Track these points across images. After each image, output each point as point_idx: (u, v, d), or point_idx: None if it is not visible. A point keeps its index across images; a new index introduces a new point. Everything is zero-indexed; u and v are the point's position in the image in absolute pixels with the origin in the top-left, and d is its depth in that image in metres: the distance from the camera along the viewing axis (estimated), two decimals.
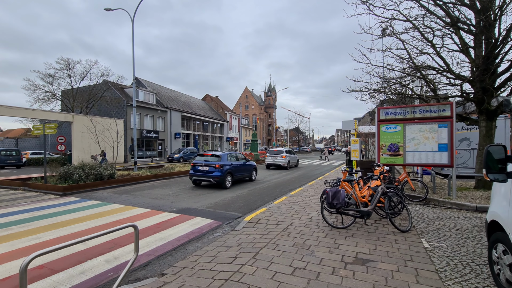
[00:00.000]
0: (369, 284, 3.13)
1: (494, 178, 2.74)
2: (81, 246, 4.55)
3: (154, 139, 31.24)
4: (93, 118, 19.79)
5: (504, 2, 7.28)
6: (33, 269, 3.72)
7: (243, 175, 12.80)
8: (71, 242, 2.31)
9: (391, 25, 8.93)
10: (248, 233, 5.13)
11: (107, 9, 16.96)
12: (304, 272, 3.43)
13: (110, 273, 3.72)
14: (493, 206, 3.22)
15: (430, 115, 7.88)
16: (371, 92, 10.14)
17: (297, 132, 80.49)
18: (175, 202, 8.35)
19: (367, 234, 4.92)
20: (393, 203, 5.79)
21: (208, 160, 11.59)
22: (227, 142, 49.48)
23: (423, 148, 7.88)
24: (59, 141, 18.11)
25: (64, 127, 27.03)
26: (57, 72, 26.05)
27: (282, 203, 7.77)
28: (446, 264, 3.68)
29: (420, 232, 5.04)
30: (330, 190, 5.19)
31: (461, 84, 8.65)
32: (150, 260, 4.14)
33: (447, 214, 6.34)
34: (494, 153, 2.75)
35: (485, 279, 3.23)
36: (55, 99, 27.04)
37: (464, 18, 8.18)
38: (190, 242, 4.91)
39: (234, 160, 12.35)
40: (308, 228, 5.31)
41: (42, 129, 11.31)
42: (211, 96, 57.05)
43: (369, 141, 18.54)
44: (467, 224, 5.54)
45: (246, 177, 13.29)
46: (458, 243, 4.46)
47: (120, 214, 6.81)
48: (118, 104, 27.50)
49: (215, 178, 10.97)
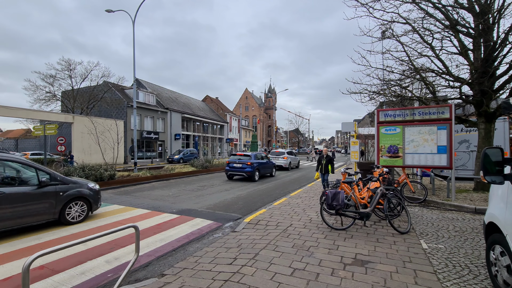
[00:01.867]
0: (368, 285, 3.15)
1: (492, 180, 2.77)
2: (82, 246, 4.57)
3: (154, 140, 31.26)
4: (94, 119, 19.82)
5: (503, 5, 7.35)
6: (34, 269, 3.74)
7: (266, 171, 15.41)
8: (72, 242, 2.34)
9: (391, 28, 8.99)
10: (248, 234, 5.15)
11: (108, 10, 17.03)
12: (303, 273, 3.46)
13: (110, 273, 3.74)
14: (490, 208, 3.25)
15: (429, 117, 7.92)
16: (370, 94, 10.19)
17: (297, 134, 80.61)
18: (175, 203, 8.37)
19: (366, 236, 4.95)
20: (392, 205, 5.81)
21: (240, 159, 14.18)
22: (227, 143, 49.49)
23: (422, 150, 7.91)
24: (59, 141, 18.14)
25: (65, 128, 27.04)
26: (58, 73, 26.12)
27: (282, 204, 7.79)
28: (444, 265, 3.70)
29: (419, 234, 5.07)
30: (330, 192, 5.22)
31: (460, 86, 8.70)
32: (151, 261, 4.16)
33: (446, 216, 6.36)
34: (491, 155, 2.78)
35: (483, 281, 3.25)
36: (55, 99, 27.08)
37: (463, 21, 8.24)
38: (190, 243, 4.93)
39: (260, 159, 14.91)
40: (308, 230, 5.33)
41: (43, 130, 11.34)
42: (211, 97, 57.15)
43: (368, 143, 18.59)
44: (465, 225, 5.57)
45: (268, 173, 15.69)
46: (457, 245, 4.48)
47: (121, 215, 6.83)
48: (118, 105, 27.54)
49: (247, 173, 13.66)
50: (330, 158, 9.49)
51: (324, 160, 9.44)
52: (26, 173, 5.64)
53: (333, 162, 9.65)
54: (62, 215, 5.85)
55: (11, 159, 5.46)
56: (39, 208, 5.49)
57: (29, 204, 5.34)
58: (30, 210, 5.34)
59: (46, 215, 5.60)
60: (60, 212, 5.82)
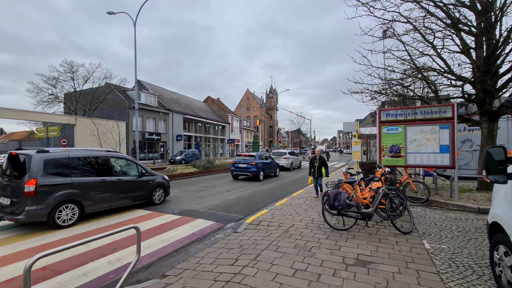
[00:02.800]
0: (370, 286, 3.13)
1: (494, 180, 2.74)
2: (84, 247, 4.59)
3: (156, 141, 31.34)
4: (96, 120, 19.90)
5: (505, 3, 7.29)
6: (37, 271, 3.75)
7: (271, 171, 15.68)
8: (75, 243, 2.34)
9: (392, 27, 8.95)
10: (249, 235, 5.14)
11: (109, 12, 17.12)
12: (305, 273, 3.44)
13: (112, 274, 3.74)
14: (494, 208, 3.22)
15: (431, 116, 7.88)
16: (372, 93, 10.15)
17: (299, 134, 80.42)
18: (177, 204, 8.38)
19: (369, 236, 4.92)
20: (394, 205, 5.78)
21: (246, 159, 14.51)
22: (228, 144, 49.53)
23: (424, 149, 7.86)
24: (62, 143, 18.24)
25: (67, 130, 27.17)
26: (61, 75, 26.28)
27: (284, 204, 7.78)
28: (447, 265, 3.67)
29: (421, 234, 5.03)
30: (331, 192, 5.20)
31: (462, 85, 8.64)
32: (152, 262, 4.16)
33: (449, 216, 6.32)
34: (494, 154, 2.75)
35: (486, 281, 3.22)
36: (58, 101, 27.26)
37: (464, 20, 8.18)
38: (192, 243, 4.93)
39: (264, 159, 15.20)
40: (309, 230, 5.31)
41: (46, 132, 11.40)
42: (213, 98, 57.24)
43: (370, 143, 18.52)
44: (469, 225, 5.52)
45: (272, 173, 15.95)
46: (460, 245, 4.45)
47: (122, 216, 6.85)
48: (120, 106, 27.65)
49: (252, 173, 13.92)
50: (324, 160, 8.68)
51: (317, 162, 8.62)
52: (130, 167, 7.93)
53: (327, 164, 8.78)
54: (151, 198, 8.10)
55: (122, 156, 7.75)
56: (139, 192, 7.75)
57: (134, 188, 7.58)
58: (134, 193, 7.58)
59: (142, 197, 7.85)
60: (150, 195, 8.05)
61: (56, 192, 5.87)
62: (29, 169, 5.68)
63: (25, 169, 5.71)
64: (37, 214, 5.57)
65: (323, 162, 8.68)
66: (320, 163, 8.66)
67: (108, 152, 7.36)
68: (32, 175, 5.63)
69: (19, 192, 5.60)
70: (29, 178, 5.60)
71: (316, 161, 8.70)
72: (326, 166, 8.70)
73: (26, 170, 5.70)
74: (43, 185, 5.70)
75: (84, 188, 6.34)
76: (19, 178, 5.72)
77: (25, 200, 5.52)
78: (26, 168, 5.71)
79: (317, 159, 8.72)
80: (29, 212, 5.48)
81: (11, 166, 6.04)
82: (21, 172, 5.76)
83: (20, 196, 5.57)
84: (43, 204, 5.64)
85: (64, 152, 6.41)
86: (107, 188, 6.83)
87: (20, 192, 5.56)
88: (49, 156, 6.03)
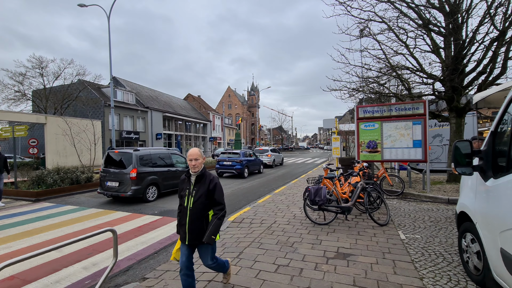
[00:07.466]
0: (349, 277, 3.23)
1: (462, 172, 2.91)
2: (57, 253, 4.34)
3: (135, 140, 30.31)
4: (68, 119, 18.83)
5: (470, 6, 7.74)
6: (3, 281, 3.50)
7: (255, 168, 16.06)
8: (45, 249, 2.20)
9: (368, 26, 9.23)
10: (232, 233, 5.12)
11: (80, 5, 16.22)
12: (287, 269, 3.48)
13: (88, 280, 3.58)
14: (461, 198, 3.43)
15: (405, 112, 8.23)
16: (350, 91, 10.43)
17: (280, 131, 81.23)
18: (156, 204, 8.16)
19: (348, 229, 5.07)
20: (372, 198, 5.99)
21: (230, 157, 14.87)
22: (210, 142, 48.96)
23: (399, 144, 8.21)
24: (31, 144, 17.12)
25: (36, 129, 25.54)
26: (29, 71, 24.58)
27: (266, 201, 7.82)
28: (421, 254, 3.87)
29: (397, 225, 5.27)
30: (312, 188, 5.29)
31: (433, 83, 9.10)
32: (131, 265, 4.03)
33: (422, 207, 6.66)
34: (461, 148, 2.92)
35: (456, 267, 3.43)
36: (25, 99, 25.50)
37: (435, 20, 8.61)
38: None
39: (248, 157, 15.48)
40: (292, 226, 5.38)
41: (11, 132, 10.64)
42: (193, 96, 56.20)
43: (349, 139, 19.08)
44: (440, 215, 5.86)
45: (256, 170, 16.26)
46: (432, 234, 4.70)
47: (99, 219, 6.56)
48: (95, 104, 26.40)
49: (237, 170, 14.25)
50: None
51: None
52: (179, 160, 10.33)
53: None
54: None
55: (176, 153, 10.42)
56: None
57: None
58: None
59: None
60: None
61: (146, 177, 8.53)
62: (131, 162, 8.31)
63: (128, 162, 8.37)
64: (138, 191, 8.16)
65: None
66: None
67: (169, 150, 10.30)
68: (134, 166, 8.27)
69: (125, 177, 8.19)
70: (132, 168, 8.25)
71: None
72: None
73: (129, 163, 8.33)
74: (140, 173, 8.34)
75: (159, 175, 9.03)
76: (125, 168, 8.33)
77: (130, 183, 8.12)
78: (129, 161, 8.36)
79: None
80: (134, 190, 8.08)
81: (116, 160, 8.66)
82: (125, 164, 8.41)
83: (126, 180, 8.15)
84: (141, 185, 8.28)
85: (147, 150, 9.22)
86: (171, 175, 9.48)
87: (127, 177, 8.15)
88: (140, 153, 8.73)
